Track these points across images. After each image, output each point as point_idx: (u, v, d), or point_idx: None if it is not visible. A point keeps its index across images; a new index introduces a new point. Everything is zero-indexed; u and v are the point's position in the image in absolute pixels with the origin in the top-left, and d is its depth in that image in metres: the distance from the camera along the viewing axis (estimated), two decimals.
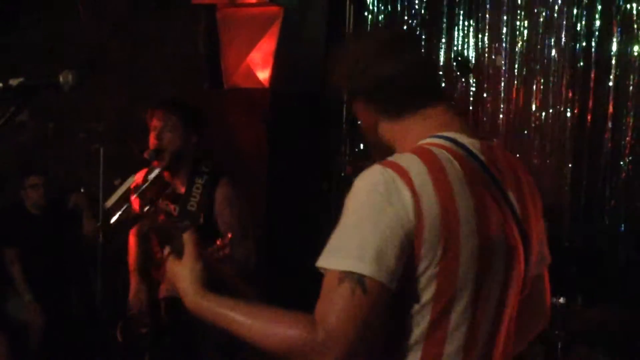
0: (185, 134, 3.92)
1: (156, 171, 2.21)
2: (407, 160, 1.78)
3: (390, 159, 1.79)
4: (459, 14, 5.60)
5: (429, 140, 1.88)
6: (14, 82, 2.37)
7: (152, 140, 3.89)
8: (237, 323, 1.81)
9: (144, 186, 2.09)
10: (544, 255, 2.09)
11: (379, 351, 1.81)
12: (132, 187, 2.21)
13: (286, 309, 1.76)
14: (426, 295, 1.76)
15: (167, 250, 2.06)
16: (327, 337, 1.67)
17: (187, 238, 2.00)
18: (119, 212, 2.09)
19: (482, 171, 1.86)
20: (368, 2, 5.85)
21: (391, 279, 1.68)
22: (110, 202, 2.13)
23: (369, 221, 1.70)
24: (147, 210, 2.09)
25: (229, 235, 3.58)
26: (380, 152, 1.98)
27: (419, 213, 1.71)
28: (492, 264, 1.83)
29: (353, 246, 1.70)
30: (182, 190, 3.89)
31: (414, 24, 5.75)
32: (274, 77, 5.66)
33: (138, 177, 4.13)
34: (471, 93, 5.57)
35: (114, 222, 2.13)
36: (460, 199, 1.76)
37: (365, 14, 5.86)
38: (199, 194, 3.90)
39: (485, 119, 5.53)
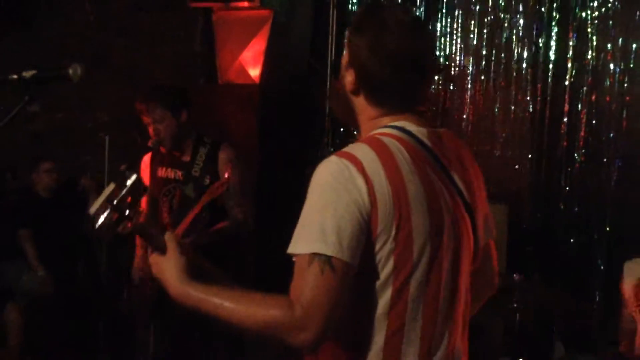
0: (175, 117, 3.98)
1: (133, 177, 2.22)
2: (360, 150, 1.79)
3: (344, 150, 1.80)
4: (435, 17, 5.59)
5: (379, 130, 1.89)
6: (27, 74, 2.37)
7: (151, 134, 3.98)
8: (220, 307, 1.80)
9: (123, 192, 2.09)
10: (490, 229, 2.10)
11: (349, 325, 1.81)
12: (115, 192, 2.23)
13: (265, 293, 1.76)
14: (386, 270, 1.77)
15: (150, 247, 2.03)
16: (304, 313, 1.68)
17: (169, 236, 1.99)
18: (102, 218, 2.08)
19: (429, 156, 1.88)
20: (350, 7, 5.83)
21: (353, 257, 1.70)
22: (93, 209, 2.12)
23: (329, 207, 1.72)
24: (128, 213, 2.08)
25: (226, 175, 3.75)
26: (344, 115, 2.02)
27: (372, 197, 1.72)
28: (443, 238, 1.84)
29: (317, 231, 1.71)
30: (187, 159, 4.04)
31: None
32: (263, 74, 5.66)
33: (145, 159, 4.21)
34: (441, 91, 5.58)
35: (98, 227, 2.12)
36: (410, 183, 1.78)
37: (348, 14, 5.84)
38: (202, 161, 4.03)
39: (454, 114, 5.54)
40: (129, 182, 2.17)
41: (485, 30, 5.42)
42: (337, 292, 1.69)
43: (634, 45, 4.97)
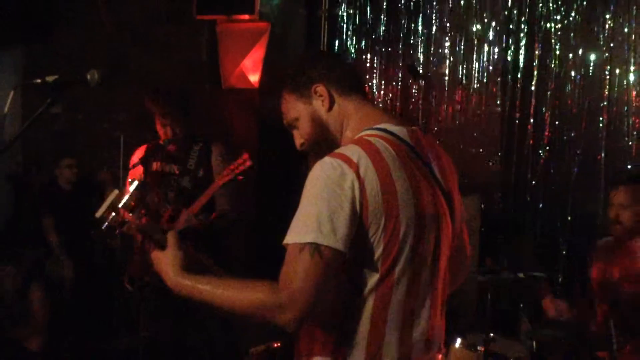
0: (185, 118, 4.05)
1: (135, 183, 2.26)
2: (351, 150, 1.81)
3: (337, 151, 1.82)
4: (415, 29, 5.61)
5: (365, 132, 1.91)
6: (49, 78, 2.39)
7: (167, 133, 4.02)
8: (213, 294, 1.82)
9: (127, 197, 2.12)
10: (463, 215, 2.13)
11: (340, 301, 1.83)
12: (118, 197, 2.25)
13: (255, 279, 1.77)
14: (377, 254, 1.79)
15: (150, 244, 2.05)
16: (289, 297, 1.69)
17: (171, 234, 1.99)
18: (108, 221, 2.11)
19: (411, 152, 1.90)
20: (340, 18, 5.84)
21: (344, 245, 1.71)
22: (99, 213, 2.15)
23: (322, 202, 1.73)
24: (132, 216, 2.10)
25: (245, 156, 3.80)
26: (322, 146, 2.00)
27: (363, 192, 1.74)
28: (426, 227, 1.87)
29: (310, 222, 1.72)
30: (182, 154, 4.08)
31: (378, 35, 5.75)
32: (262, 79, 5.67)
33: (138, 153, 4.19)
34: (421, 94, 5.60)
35: (104, 229, 2.14)
36: (397, 177, 1.80)
37: (338, 27, 5.85)
38: (196, 156, 4.06)
39: (433, 115, 5.56)
40: (131, 188, 2.20)
41: (459, 41, 5.44)
42: (323, 278, 1.70)
43: (592, 55, 5.00)
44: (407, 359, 1.86)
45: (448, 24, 5.47)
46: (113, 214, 2.13)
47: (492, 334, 3.66)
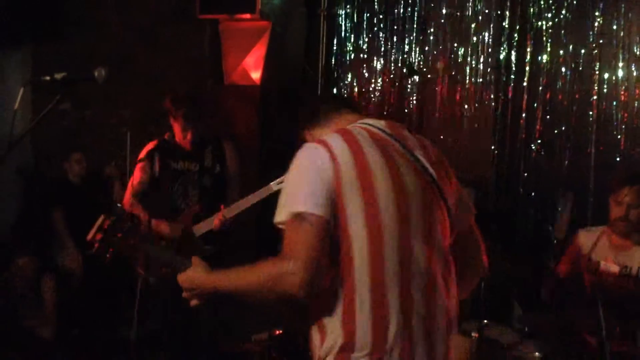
0: (202, 120, 4.24)
1: (118, 210, 2.43)
2: (331, 137, 1.97)
3: (320, 138, 2.00)
4: (411, 28, 5.61)
5: (350, 125, 2.07)
6: (58, 76, 2.40)
7: (187, 134, 4.17)
8: (233, 281, 1.95)
9: (113, 220, 2.22)
10: (469, 206, 2.15)
11: (335, 275, 1.87)
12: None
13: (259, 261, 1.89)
14: (360, 231, 1.86)
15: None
16: (294, 262, 1.78)
17: (195, 259, 2.08)
18: (96, 242, 2.20)
19: (390, 139, 2.00)
20: (338, 18, 5.84)
21: (326, 212, 1.83)
22: (90, 235, 2.23)
23: (304, 181, 1.89)
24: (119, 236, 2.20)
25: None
26: None
27: (336, 167, 1.88)
28: (410, 202, 1.92)
29: (296, 198, 1.86)
30: (197, 152, 4.22)
31: (374, 35, 5.76)
32: (263, 76, 5.68)
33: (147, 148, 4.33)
34: (418, 91, 5.61)
35: (94, 251, 2.24)
36: (371, 158, 1.92)
37: (336, 26, 5.86)
38: (211, 154, 4.21)
39: (430, 111, 5.56)
40: (117, 213, 2.29)
41: (455, 39, 5.44)
42: (317, 241, 1.80)
43: (583, 51, 5.00)
44: (384, 338, 1.85)
45: (443, 22, 5.46)
46: (102, 236, 2.22)
47: (485, 321, 3.68)
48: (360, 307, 1.85)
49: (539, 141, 5.15)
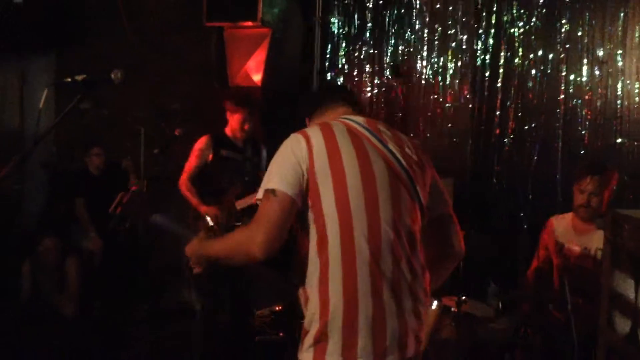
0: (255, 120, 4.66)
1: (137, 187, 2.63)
2: (310, 128, 2.06)
3: (303, 129, 2.07)
4: (397, 34, 5.60)
5: (331, 120, 2.12)
6: (79, 78, 2.39)
7: (245, 128, 4.58)
8: (216, 247, 2.11)
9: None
10: (444, 196, 2.15)
11: (317, 254, 1.92)
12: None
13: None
14: (332, 212, 1.90)
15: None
16: (256, 227, 1.90)
17: (201, 234, 2.27)
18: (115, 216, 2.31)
19: (365, 132, 2.04)
20: (331, 26, 5.83)
21: (292, 191, 1.91)
22: (112, 208, 2.29)
23: (280, 164, 1.96)
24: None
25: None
26: None
27: (310, 153, 1.94)
28: (379, 188, 1.94)
29: (272, 177, 1.94)
30: (242, 145, 4.63)
31: (364, 42, 5.74)
32: (264, 79, 5.67)
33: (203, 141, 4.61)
34: (402, 91, 5.60)
35: (113, 223, 2.34)
36: (343, 145, 1.97)
37: (330, 32, 5.84)
38: (251, 147, 4.66)
39: (413, 109, 5.55)
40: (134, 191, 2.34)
41: (436, 44, 5.43)
42: (279, 211, 1.89)
43: (551, 55, 5.00)
44: (354, 309, 1.87)
45: (426, 30, 5.45)
46: (119, 213, 2.31)
47: (463, 297, 3.69)
48: (332, 281, 1.88)
49: (512, 136, 5.16)
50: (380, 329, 1.86)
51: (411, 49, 5.51)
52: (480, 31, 5.25)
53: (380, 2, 5.63)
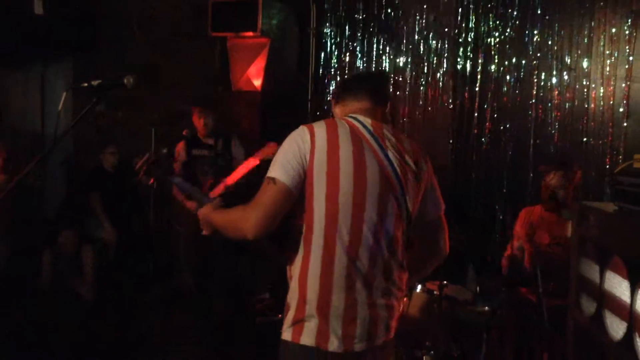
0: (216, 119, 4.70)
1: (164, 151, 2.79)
2: (317, 123, 2.00)
3: (311, 123, 2.00)
4: (384, 43, 5.59)
5: (340, 117, 2.08)
6: (94, 82, 2.38)
7: (203, 127, 4.66)
8: (218, 217, 2.05)
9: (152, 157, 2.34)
10: (439, 202, 2.11)
11: (303, 242, 1.91)
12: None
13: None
14: (321, 209, 1.88)
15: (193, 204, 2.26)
16: (251, 210, 1.87)
17: (215, 202, 2.18)
18: (142, 172, 2.29)
19: (368, 134, 1.98)
20: (325, 35, 5.82)
21: (290, 181, 1.88)
22: (137, 166, 2.27)
23: (284, 154, 1.92)
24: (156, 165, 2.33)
25: (271, 144, 4.36)
26: None
27: (312, 146, 1.91)
28: (367, 192, 1.90)
29: (274, 166, 1.91)
30: (212, 143, 4.69)
31: (354, 50, 5.74)
32: (264, 84, 5.66)
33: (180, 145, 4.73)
34: (390, 94, 5.60)
35: (139, 177, 2.32)
36: (343, 146, 1.92)
37: (324, 42, 5.83)
38: (222, 144, 4.70)
39: (400, 112, 5.55)
40: (159, 154, 2.33)
41: (421, 52, 5.43)
42: (274, 198, 1.86)
43: (524, 62, 5.00)
44: (328, 299, 1.86)
45: (410, 39, 5.45)
46: (146, 168, 2.29)
47: (445, 282, 3.70)
48: (312, 271, 1.88)
49: (488, 135, 5.16)
50: (351, 319, 1.87)
51: (397, 57, 5.50)
52: (461, 40, 5.24)
53: (369, 14, 5.62)
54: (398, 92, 5.51)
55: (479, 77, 5.18)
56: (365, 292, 1.88)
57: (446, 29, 5.32)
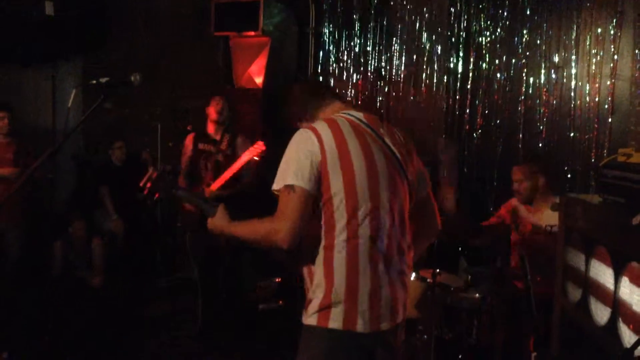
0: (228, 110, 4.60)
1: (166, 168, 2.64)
2: (318, 124, 1.97)
3: (311, 125, 1.98)
4: (380, 42, 5.58)
5: (335, 115, 2.05)
6: (103, 80, 2.38)
7: (219, 130, 4.53)
8: (242, 231, 1.98)
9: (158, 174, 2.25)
10: (427, 181, 2.16)
11: (324, 235, 1.90)
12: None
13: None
14: (340, 202, 1.88)
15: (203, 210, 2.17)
16: (279, 221, 1.85)
17: (221, 209, 2.12)
18: (146, 189, 2.23)
19: (366, 127, 2.00)
20: (323, 35, 5.81)
21: (310, 186, 1.85)
22: (142, 182, 2.25)
23: (296, 159, 1.89)
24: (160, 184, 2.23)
25: (260, 142, 4.23)
26: None
27: (322, 148, 1.88)
28: (380, 178, 1.93)
29: (289, 172, 1.87)
30: (218, 138, 4.54)
31: (351, 49, 5.73)
32: (265, 81, 5.65)
33: (187, 141, 4.61)
34: (385, 94, 5.59)
35: (144, 193, 2.26)
36: (350, 140, 1.92)
37: (322, 41, 5.82)
38: (227, 140, 4.53)
39: (394, 109, 5.54)
40: (162, 169, 2.28)
41: (415, 51, 5.42)
42: (299, 206, 1.84)
43: (513, 61, 4.99)
44: (355, 282, 1.88)
45: (405, 38, 5.43)
46: (150, 183, 2.22)
47: (438, 270, 3.71)
48: (337, 257, 1.88)
49: (479, 131, 5.16)
50: (376, 299, 1.89)
51: (392, 55, 5.49)
52: (453, 40, 5.23)
53: (365, 14, 5.61)
54: (393, 90, 5.50)
55: (470, 75, 5.17)
56: (386, 273, 1.92)
57: (439, 29, 5.30)
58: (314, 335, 1.90)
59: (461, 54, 5.22)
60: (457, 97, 5.25)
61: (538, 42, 4.88)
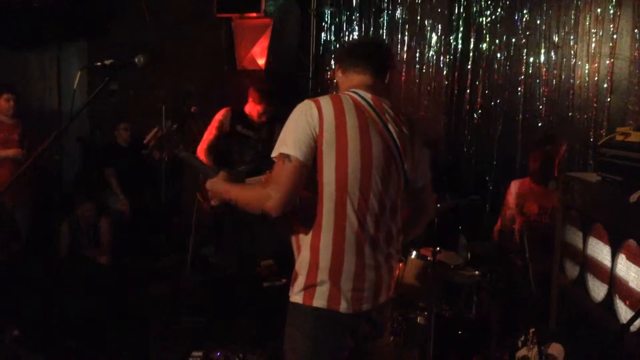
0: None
1: (174, 126, 2.39)
2: (322, 97, 1.96)
3: (315, 97, 1.96)
4: (382, 23, 5.54)
5: (346, 91, 2.03)
6: (107, 62, 2.36)
7: (263, 118, 4.27)
8: (237, 193, 1.99)
9: (164, 131, 2.24)
10: (427, 171, 2.13)
11: (315, 207, 1.90)
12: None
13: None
14: (331, 179, 1.88)
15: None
16: (272, 186, 1.86)
17: (222, 173, 2.12)
18: (150, 145, 2.22)
19: (369, 109, 1.97)
20: (324, 16, 5.76)
21: (304, 157, 1.86)
22: (146, 140, 2.24)
23: (295, 129, 1.89)
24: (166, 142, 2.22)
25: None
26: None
27: (320, 120, 1.88)
28: (373, 162, 1.92)
29: (286, 141, 1.88)
30: (258, 125, 4.31)
31: (353, 30, 5.68)
32: (267, 62, 5.61)
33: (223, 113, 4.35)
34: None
35: (148, 151, 2.26)
36: (348, 117, 1.91)
37: (323, 22, 5.77)
38: (266, 128, 4.30)
39: (396, 89, 5.51)
40: (167, 128, 2.27)
41: (416, 31, 5.37)
42: (292, 176, 1.84)
43: (513, 40, 4.97)
44: (340, 264, 1.89)
45: (406, 19, 5.39)
46: (154, 142, 2.25)
47: (438, 248, 3.72)
48: (324, 238, 1.89)
49: (480, 111, 5.15)
50: (360, 282, 1.92)
51: (393, 36, 5.45)
52: (454, 20, 5.19)
53: None
54: (393, 69, 5.47)
55: (471, 55, 5.14)
56: (372, 256, 1.93)
57: (439, 9, 5.25)
58: (300, 312, 1.93)
59: (461, 34, 5.18)
60: (457, 77, 5.21)
61: (538, 21, 4.84)
